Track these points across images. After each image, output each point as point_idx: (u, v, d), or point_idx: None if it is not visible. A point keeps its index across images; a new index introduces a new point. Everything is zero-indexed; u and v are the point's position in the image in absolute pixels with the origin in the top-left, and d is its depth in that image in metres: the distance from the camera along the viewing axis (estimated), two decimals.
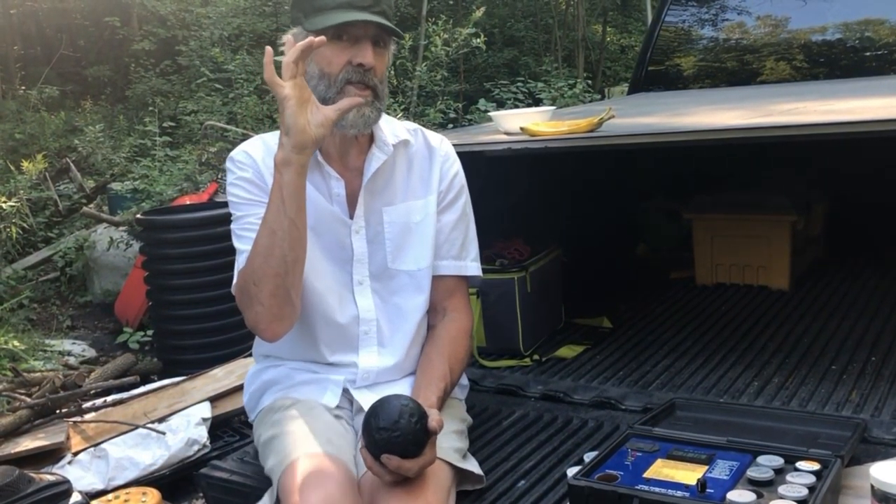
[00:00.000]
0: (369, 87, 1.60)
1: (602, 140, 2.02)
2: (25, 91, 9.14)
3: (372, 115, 1.62)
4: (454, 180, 1.80)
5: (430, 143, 1.80)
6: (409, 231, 1.74)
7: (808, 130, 1.74)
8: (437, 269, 1.77)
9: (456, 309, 1.79)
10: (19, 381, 3.35)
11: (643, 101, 3.42)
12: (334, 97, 1.58)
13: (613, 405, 2.05)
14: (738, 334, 2.51)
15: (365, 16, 1.57)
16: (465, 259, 1.81)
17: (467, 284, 1.86)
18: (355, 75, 1.59)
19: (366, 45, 1.59)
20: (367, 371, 1.72)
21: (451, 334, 1.74)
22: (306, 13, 1.61)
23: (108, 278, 5.47)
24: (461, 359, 1.73)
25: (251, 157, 1.70)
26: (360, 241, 1.72)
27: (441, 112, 6.68)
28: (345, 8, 1.57)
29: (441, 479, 1.51)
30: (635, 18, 12.34)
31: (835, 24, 3.58)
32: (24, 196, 5.96)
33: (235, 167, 1.71)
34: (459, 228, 1.80)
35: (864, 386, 2.03)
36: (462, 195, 1.82)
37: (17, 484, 1.88)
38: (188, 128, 7.37)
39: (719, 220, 3.04)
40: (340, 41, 1.58)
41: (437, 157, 1.79)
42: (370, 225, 1.72)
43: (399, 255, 1.74)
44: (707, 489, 1.42)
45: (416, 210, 1.75)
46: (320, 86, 1.59)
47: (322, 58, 1.59)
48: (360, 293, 1.72)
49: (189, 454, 2.88)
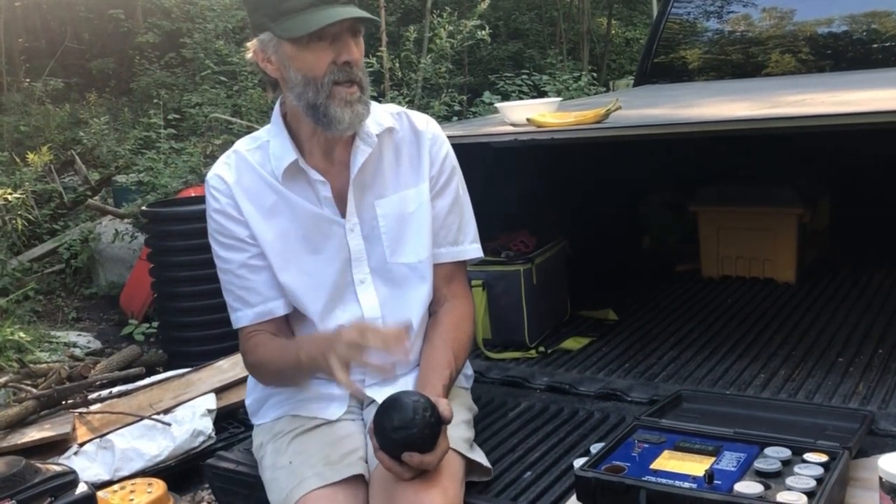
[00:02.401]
0: (355, 82, 1.55)
1: (609, 131, 2.01)
2: (30, 84, 9.15)
3: (364, 111, 1.58)
4: (444, 163, 1.73)
5: (417, 127, 1.72)
6: (405, 222, 1.69)
7: (818, 121, 1.73)
8: (435, 256, 1.73)
9: (456, 295, 1.75)
10: (25, 373, 3.37)
11: (649, 93, 3.41)
12: (324, 101, 1.53)
13: (619, 397, 2.05)
14: (744, 327, 2.51)
15: (341, 11, 1.49)
16: (463, 243, 1.76)
17: (466, 268, 1.82)
18: (341, 75, 1.52)
19: (346, 40, 1.53)
20: (377, 367, 1.69)
21: (454, 321, 1.71)
22: (272, 17, 1.51)
23: (113, 270, 5.48)
24: (465, 345, 1.71)
25: (224, 181, 1.65)
26: (355, 239, 1.67)
27: (446, 105, 6.66)
28: (316, 5, 1.48)
29: (454, 469, 1.51)
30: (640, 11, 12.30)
31: (840, 17, 3.57)
32: (29, 188, 5.97)
33: (210, 196, 1.67)
34: (455, 212, 1.75)
35: (870, 378, 2.03)
36: (454, 177, 1.76)
37: (23, 474, 1.88)
38: (193, 120, 7.37)
39: (725, 212, 3.02)
40: (320, 42, 1.51)
41: (425, 141, 1.72)
42: (364, 221, 1.67)
43: (398, 249, 1.69)
44: (715, 480, 1.41)
45: (409, 200, 1.69)
46: (308, 92, 1.53)
47: (304, 63, 1.52)
48: (362, 291, 1.69)
49: (194, 445, 2.89)
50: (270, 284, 1.66)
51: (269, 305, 1.67)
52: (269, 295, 1.66)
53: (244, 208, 1.63)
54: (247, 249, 1.65)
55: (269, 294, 1.66)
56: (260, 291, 1.66)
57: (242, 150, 1.68)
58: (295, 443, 1.62)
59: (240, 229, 1.64)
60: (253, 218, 1.63)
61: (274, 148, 1.64)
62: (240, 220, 1.64)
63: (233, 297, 1.69)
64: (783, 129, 1.81)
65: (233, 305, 1.69)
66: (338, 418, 1.66)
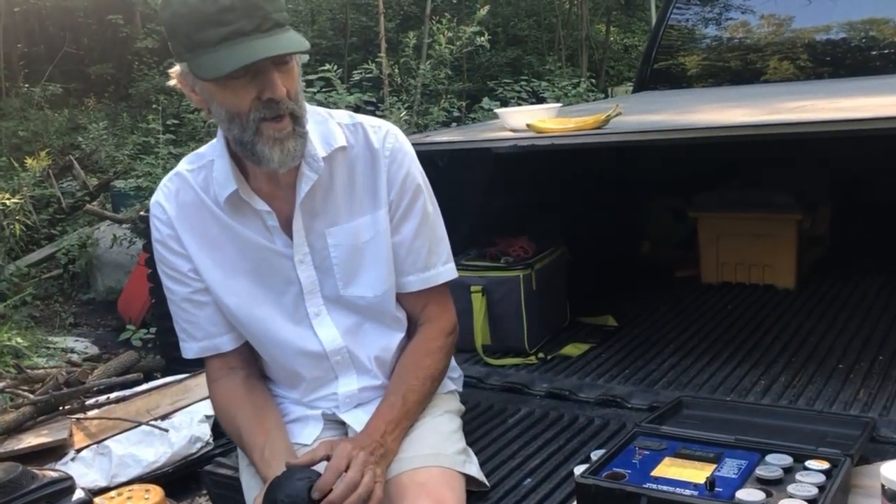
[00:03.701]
0: (285, 116, 1.39)
1: (609, 137, 2.01)
2: (29, 88, 9.15)
3: (298, 146, 1.42)
4: (405, 183, 1.56)
5: (372, 144, 1.55)
6: (359, 253, 1.55)
7: (818, 128, 1.73)
8: (403, 286, 1.60)
9: (430, 318, 1.64)
10: (23, 378, 3.35)
11: (648, 99, 3.41)
12: (251, 139, 1.38)
13: (619, 403, 2.04)
14: (744, 333, 2.50)
15: (257, 47, 1.31)
16: (436, 265, 1.62)
17: (444, 287, 1.66)
18: (267, 111, 1.37)
19: (270, 75, 1.35)
20: (349, 396, 1.62)
21: (418, 345, 1.62)
22: (187, 48, 1.35)
23: (111, 275, 5.47)
24: (427, 367, 1.59)
25: (165, 211, 1.56)
26: (306, 270, 1.55)
27: (445, 111, 6.66)
28: (230, 39, 1.30)
29: (454, 489, 1.48)
30: (639, 18, 12.32)
31: (839, 24, 3.57)
32: (27, 193, 5.98)
33: (152, 224, 1.58)
34: (423, 235, 1.60)
35: (871, 385, 2.02)
36: (419, 197, 1.58)
37: (20, 480, 1.86)
38: (191, 126, 7.37)
39: (725, 218, 3.02)
40: (240, 79, 1.34)
41: (382, 161, 1.55)
42: (315, 250, 1.54)
43: (351, 282, 1.56)
44: (716, 488, 1.41)
45: (363, 228, 1.55)
46: (234, 129, 1.39)
47: (225, 100, 1.38)
48: (319, 324, 1.58)
49: (192, 451, 2.88)
50: (214, 321, 1.59)
51: (214, 341, 1.60)
52: (212, 331, 1.59)
53: (186, 242, 1.55)
54: (189, 284, 1.57)
55: (213, 330, 1.59)
56: (203, 327, 1.59)
57: (185, 171, 1.57)
58: (258, 479, 1.54)
59: (181, 262, 1.56)
60: (196, 252, 1.55)
61: (217, 171, 1.52)
62: (181, 254, 1.56)
63: (179, 328, 1.62)
64: (783, 136, 1.80)
65: (180, 335, 1.63)
66: (314, 440, 1.58)
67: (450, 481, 1.48)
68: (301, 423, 1.63)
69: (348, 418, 1.61)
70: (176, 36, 1.36)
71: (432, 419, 1.61)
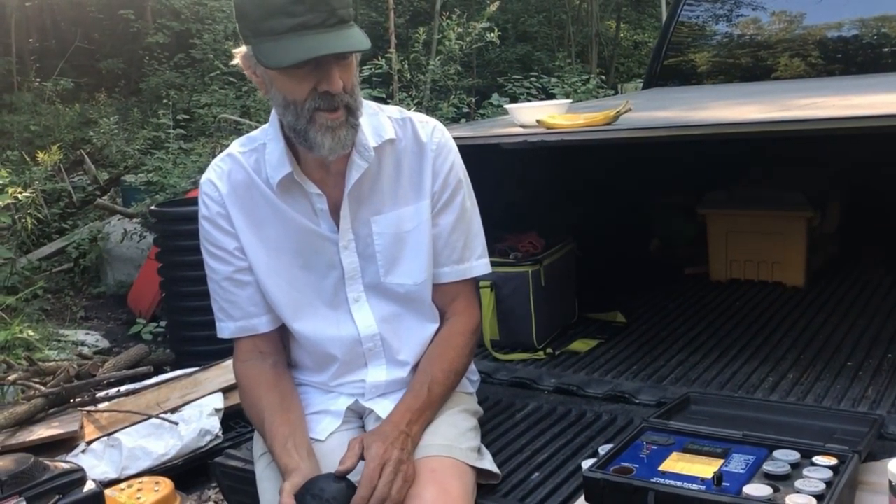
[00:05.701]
0: (339, 107, 1.44)
1: (619, 133, 2.00)
2: (40, 83, 9.21)
3: (349, 135, 1.47)
4: (449, 176, 1.63)
5: (420, 137, 1.62)
6: (402, 242, 1.60)
7: (829, 125, 1.73)
8: (438, 276, 1.65)
9: (456, 312, 1.68)
10: (34, 371, 3.37)
11: (658, 95, 3.41)
12: (305, 126, 1.45)
13: (627, 399, 2.04)
14: (752, 330, 2.50)
15: (323, 42, 1.37)
16: (470, 260, 1.68)
17: (473, 284, 1.73)
18: (322, 102, 1.43)
19: (329, 68, 1.41)
20: (376, 386, 1.65)
21: (444, 338, 1.65)
22: (254, 33, 1.41)
23: (122, 270, 5.50)
24: (451, 361, 1.62)
25: (217, 188, 1.60)
26: (349, 256, 1.60)
27: (454, 106, 6.67)
28: (298, 31, 1.36)
29: (465, 480, 1.50)
30: (649, 14, 12.30)
31: (851, 20, 3.55)
32: (38, 187, 6.01)
33: (202, 202, 1.61)
34: (460, 229, 1.65)
35: (880, 382, 2.02)
36: (460, 191, 1.65)
37: (32, 471, 1.88)
38: (202, 121, 7.40)
39: (734, 215, 3.01)
40: (301, 69, 1.40)
41: (428, 154, 1.61)
42: (359, 237, 1.59)
43: (392, 270, 1.61)
44: (723, 483, 1.41)
45: (406, 218, 1.60)
46: (288, 115, 1.46)
47: (284, 86, 1.44)
48: (357, 310, 1.62)
49: (202, 444, 2.90)
50: (254, 301, 1.62)
51: (251, 321, 1.63)
52: (251, 311, 1.62)
53: (235, 219, 1.59)
54: (233, 263, 1.61)
55: (252, 310, 1.62)
56: (242, 307, 1.62)
57: (237, 153, 1.61)
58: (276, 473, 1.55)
59: (228, 240, 1.60)
60: (244, 230, 1.59)
61: (270, 154, 1.57)
62: (229, 232, 1.60)
63: (217, 307, 1.66)
64: (794, 132, 1.80)
65: (217, 315, 1.66)
66: (327, 436, 1.60)
67: (460, 473, 1.50)
68: (318, 417, 1.64)
69: (374, 405, 1.64)
70: (244, 19, 1.42)
71: (450, 415, 1.62)
